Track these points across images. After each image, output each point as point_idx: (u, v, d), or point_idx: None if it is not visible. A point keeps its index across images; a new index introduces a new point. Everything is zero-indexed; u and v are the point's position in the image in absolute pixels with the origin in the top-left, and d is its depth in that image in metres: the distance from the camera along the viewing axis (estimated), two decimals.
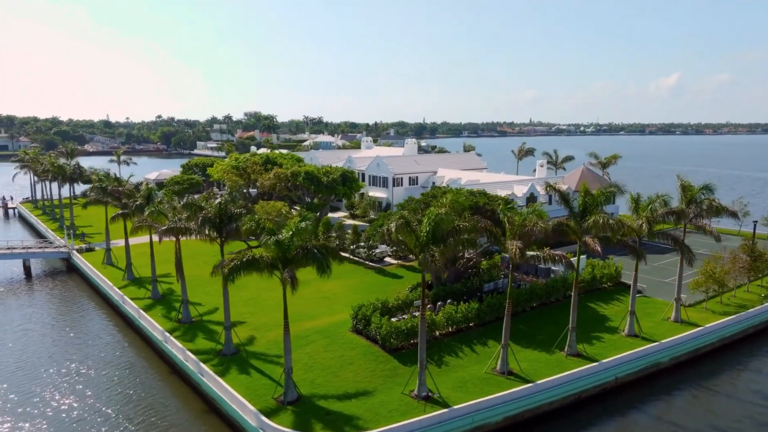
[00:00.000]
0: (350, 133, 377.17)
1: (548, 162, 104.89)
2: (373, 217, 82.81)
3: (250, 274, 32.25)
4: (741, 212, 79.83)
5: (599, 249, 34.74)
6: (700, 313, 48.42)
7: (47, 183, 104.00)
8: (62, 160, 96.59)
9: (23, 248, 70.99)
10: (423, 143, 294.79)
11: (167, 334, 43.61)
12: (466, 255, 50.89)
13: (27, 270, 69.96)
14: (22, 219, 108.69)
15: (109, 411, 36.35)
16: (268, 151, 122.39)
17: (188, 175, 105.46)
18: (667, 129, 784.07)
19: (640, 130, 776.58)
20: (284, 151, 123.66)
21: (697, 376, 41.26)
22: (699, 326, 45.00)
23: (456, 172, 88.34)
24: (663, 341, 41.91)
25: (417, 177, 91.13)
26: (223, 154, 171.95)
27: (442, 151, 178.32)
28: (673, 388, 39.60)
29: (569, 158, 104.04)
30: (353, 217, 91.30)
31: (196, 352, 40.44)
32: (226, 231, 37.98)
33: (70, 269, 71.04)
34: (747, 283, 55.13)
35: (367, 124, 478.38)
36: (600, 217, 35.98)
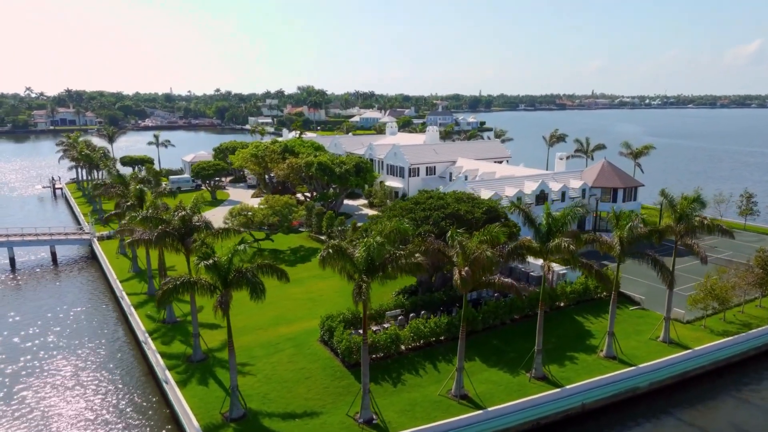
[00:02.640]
0: (399, 108, 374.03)
1: (578, 150, 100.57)
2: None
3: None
4: None
5: (551, 278, 33.04)
6: (696, 331, 45.58)
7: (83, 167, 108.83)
8: (95, 141, 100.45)
9: (49, 235, 74.70)
10: (471, 118, 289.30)
11: (147, 335, 45.16)
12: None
13: (54, 256, 73.68)
14: (66, 200, 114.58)
15: (84, 412, 38.12)
16: (297, 134, 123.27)
17: (216, 160, 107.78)
18: (742, 101, 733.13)
19: (711, 102, 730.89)
20: (312, 135, 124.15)
21: (676, 405, 38.84)
22: (688, 348, 42.43)
23: (474, 163, 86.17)
24: (640, 366, 39.76)
25: (435, 167, 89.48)
26: (259, 134, 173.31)
27: (476, 132, 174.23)
28: (645, 417, 37.56)
29: (600, 146, 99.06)
30: (371, 206, 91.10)
31: (168, 356, 41.72)
32: (186, 244, 38.51)
33: (93, 256, 74.32)
34: (759, 298, 51.34)
35: (417, 98, 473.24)
36: (563, 241, 34.15)
